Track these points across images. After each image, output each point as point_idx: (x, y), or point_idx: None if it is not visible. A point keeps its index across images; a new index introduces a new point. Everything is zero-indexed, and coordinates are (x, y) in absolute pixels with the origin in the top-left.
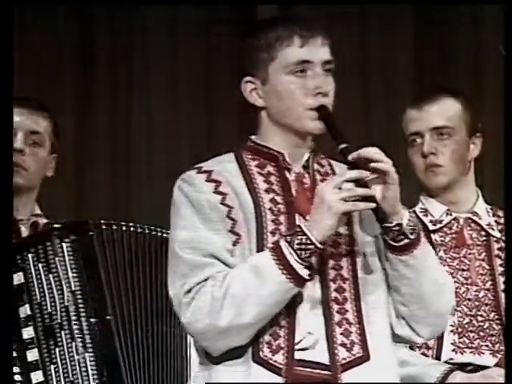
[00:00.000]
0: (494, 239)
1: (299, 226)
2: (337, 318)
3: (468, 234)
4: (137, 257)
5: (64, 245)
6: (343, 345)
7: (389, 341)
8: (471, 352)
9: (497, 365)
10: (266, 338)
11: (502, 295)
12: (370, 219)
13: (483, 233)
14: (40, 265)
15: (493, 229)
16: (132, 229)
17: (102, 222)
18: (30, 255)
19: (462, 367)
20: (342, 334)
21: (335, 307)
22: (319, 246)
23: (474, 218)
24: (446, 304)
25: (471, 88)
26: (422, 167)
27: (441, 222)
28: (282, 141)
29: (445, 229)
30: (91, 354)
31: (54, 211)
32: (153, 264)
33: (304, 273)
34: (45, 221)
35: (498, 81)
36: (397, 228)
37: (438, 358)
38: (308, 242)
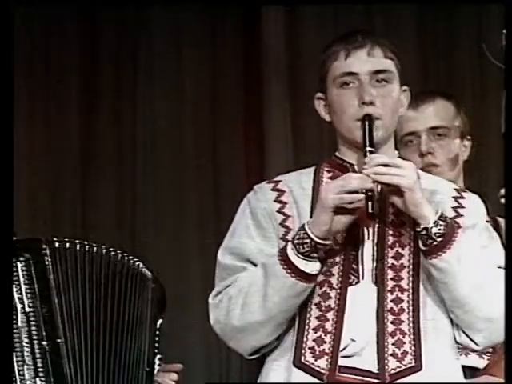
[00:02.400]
0: None
1: (303, 224)
2: (390, 328)
3: None
4: (90, 277)
5: (19, 264)
6: (394, 355)
7: (449, 351)
8: (458, 352)
9: (485, 370)
10: (310, 343)
11: None
12: None
13: None
14: None
15: None
16: (87, 248)
17: (55, 239)
18: None
19: None
20: (394, 344)
21: (390, 318)
22: (316, 239)
23: None
24: (497, 310)
25: (475, 88)
26: (419, 167)
27: None
28: (351, 152)
29: None
30: (42, 379)
31: (57, 211)
32: (106, 285)
33: (306, 267)
34: None
35: (500, 81)
36: (424, 232)
37: None
38: (305, 236)
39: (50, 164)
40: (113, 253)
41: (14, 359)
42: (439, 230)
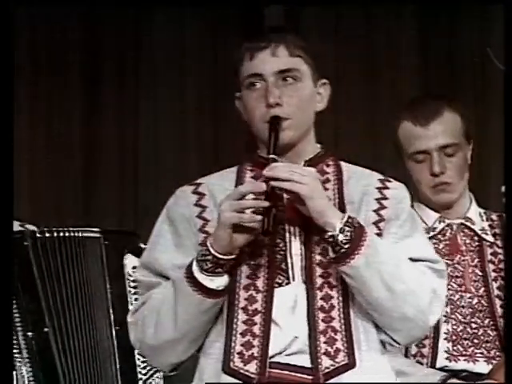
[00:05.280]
0: (487, 244)
1: (205, 240)
2: (322, 326)
3: (461, 240)
4: (71, 262)
5: None
6: (327, 353)
7: (378, 346)
8: (465, 360)
9: (489, 375)
10: (238, 348)
11: (497, 301)
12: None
13: (476, 238)
14: None
15: (486, 233)
16: (66, 234)
17: (36, 230)
18: None
19: (457, 373)
20: (325, 342)
21: (320, 316)
22: (217, 255)
23: (467, 223)
24: (412, 308)
25: (477, 91)
26: (430, 184)
27: (434, 229)
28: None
29: (438, 236)
30: (29, 369)
31: (60, 212)
32: (85, 266)
33: (212, 284)
34: None
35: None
36: (331, 239)
37: (432, 366)
38: (207, 252)
39: (52, 166)
40: (82, 233)
41: None
42: (346, 236)
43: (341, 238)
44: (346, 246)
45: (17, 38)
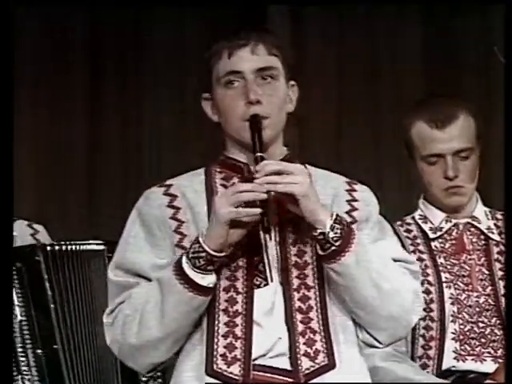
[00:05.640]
0: (494, 242)
1: (197, 236)
2: (300, 327)
3: (468, 239)
4: (77, 276)
5: None
6: (306, 355)
7: (356, 347)
8: (473, 359)
9: (492, 376)
10: (221, 350)
11: (503, 300)
12: None
13: (482, 237)
14: None
15: (492, 232)
16: (73, 247)
17: (47, 244)
18: None
19: (465, 375)
20: (305, 343)
21: (298, 317)
22: (212, 253)
23: (474, 222)
24: (397, 307)
25: (480, 90)
26: (442, 187)
27: (441, 229)
28: (242, 152)
29: (445, 235)
30: None
31: (64, 211)
32: (90, 280)
33: (203, 281)
34: None
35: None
36: (321, 237)
37: (438, 367)
38: (201, 249)
39: (53, 166)
40: (87, 246)
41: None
42: (336, 233)
43: (331, 235)
44: (337, 244)
45: (17, 37)
